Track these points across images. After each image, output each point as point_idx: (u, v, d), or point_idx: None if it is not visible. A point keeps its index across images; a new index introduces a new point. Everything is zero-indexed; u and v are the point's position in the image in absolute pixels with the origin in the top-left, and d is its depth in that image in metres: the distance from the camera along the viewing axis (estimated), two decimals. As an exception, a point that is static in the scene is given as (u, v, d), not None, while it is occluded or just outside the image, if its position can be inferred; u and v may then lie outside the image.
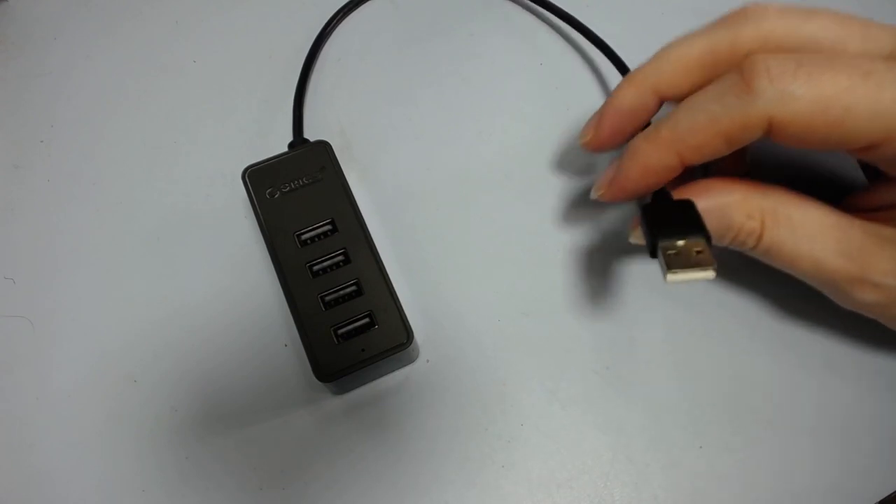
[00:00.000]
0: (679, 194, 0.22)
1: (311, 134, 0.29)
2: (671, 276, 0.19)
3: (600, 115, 0.24)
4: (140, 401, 0.25)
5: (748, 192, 0.21)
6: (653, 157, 0.21)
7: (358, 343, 0.23)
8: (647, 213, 0.21)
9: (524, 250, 0.28)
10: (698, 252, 0.20)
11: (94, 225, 0.29)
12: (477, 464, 0.24)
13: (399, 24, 0.34)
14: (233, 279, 0.27)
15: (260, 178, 0.26)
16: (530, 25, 0.33)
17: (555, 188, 0.29)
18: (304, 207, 0.25)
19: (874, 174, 0.24)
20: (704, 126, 0.20)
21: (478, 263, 0.27)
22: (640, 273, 0.27)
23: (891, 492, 0.23)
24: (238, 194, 0.29)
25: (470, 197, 0.29)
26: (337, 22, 0.33)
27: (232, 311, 0.27)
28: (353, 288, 0.24)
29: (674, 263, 0.20)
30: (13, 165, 0.31)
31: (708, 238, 0.20)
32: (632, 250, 0.27)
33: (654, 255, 0.20)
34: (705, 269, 0.19)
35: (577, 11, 0.31)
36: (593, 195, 0.24)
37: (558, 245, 0.28)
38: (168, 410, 0.25)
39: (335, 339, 0.23)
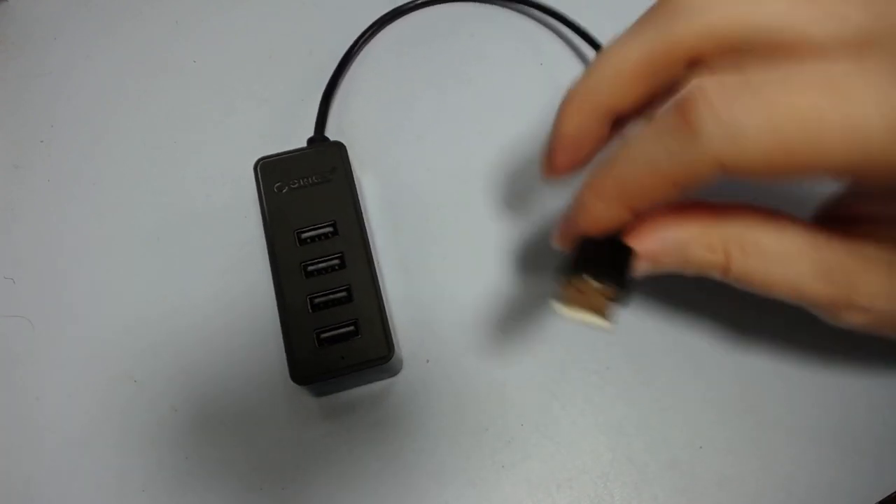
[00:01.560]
0: (632, 229, 0.19)
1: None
2: (565, 312, 0.19)
3: (550, 146, 0.21)
4: (140, 400, 0.25)
5: (706, 224, 0.19)
6: (601, 211, 0.19)
7: (338, 350, 0.23)
8: (582, 241, 0.20)
9: (525, 250, 0.28)
10: (609, 299, 0.19)
11: (94, 225, 0.29)
12: (477, 464, 0.24)
13: (402, 29, 0.34)
14: (232, 279, 0.27)
15: (271, 171, 0.26)
16: (530, 28, 0.33)
17: (556, 189, 0.29)
18: (310, 206, 0.25)
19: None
20: (647, 176, 0.17)
21: (479, 263, 0.27)
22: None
23: (891, 492, 0.23)
24: (238, 194, 0.29)
25: (471, 197, 0.29)
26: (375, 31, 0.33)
27: (232, 311, 0.27)
28: (344, 294, 0.24)
29: (574, 301, 0.19)
30: (13, 165, 0.31)
31: (621, 292, 0.18)
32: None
33: (561, 281, 0.19)
34: (602, 320, 0.19)
35: (577, 13, 0.31)
36: (552, 242, 0.21)
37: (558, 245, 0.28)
38: (168, 410, 0.25)
39: (316, 343, 0.23)
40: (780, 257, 0.19)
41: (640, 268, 0.20)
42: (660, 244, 0.19)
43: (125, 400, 0.25)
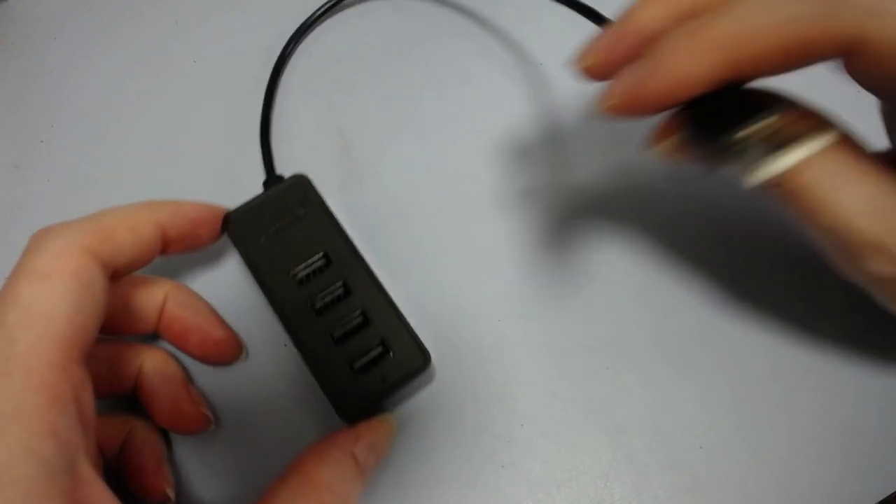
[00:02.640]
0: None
1: (311, 131, 0.29)
2: (764, 171, 0.16)
3: (607, 35, 0.18)
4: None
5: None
6: (693, 65, 0.16)
7: (376, 374, 0.23)
8: (696, 106, 0.17)
9: (524, 250, 0.28)
10: (781, 129, 0.15)
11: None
12: (477, 464, 0.24)
13: (394, 27, 0.34)
14: (234, 280, 0.27)
15: (242, 225, 0.25)
16: (529, 24, 0.33)
17: (556, 189, 0.29)
18: (294, 245, 0.25)
19: None
20: (776, 29, 0.15)
21: (477, 264, 0.27)
22: (640, 273, 0.27)
23: (891, 492, 0.23)
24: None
25: (469, 198, 0.29)
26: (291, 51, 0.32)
27: (237, 322, 0.26)
28: (361, 318, 0.23)
29: (759, 153, 0.15)
30: (13, 165, 0.31)
31: (785, 108, 0.16)
32: (632, 251, 0.27)
33: (721, 154, 0.16)
34: (806, 141, 0.16)
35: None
36: (599, 107, 0.19)
37: (559, 246, 0.28)
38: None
39: (353, 375, 0.23)
40: (842, 178, 0.17)
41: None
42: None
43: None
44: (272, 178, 0.28)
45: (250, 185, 0.28)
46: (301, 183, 0.26)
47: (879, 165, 0.17)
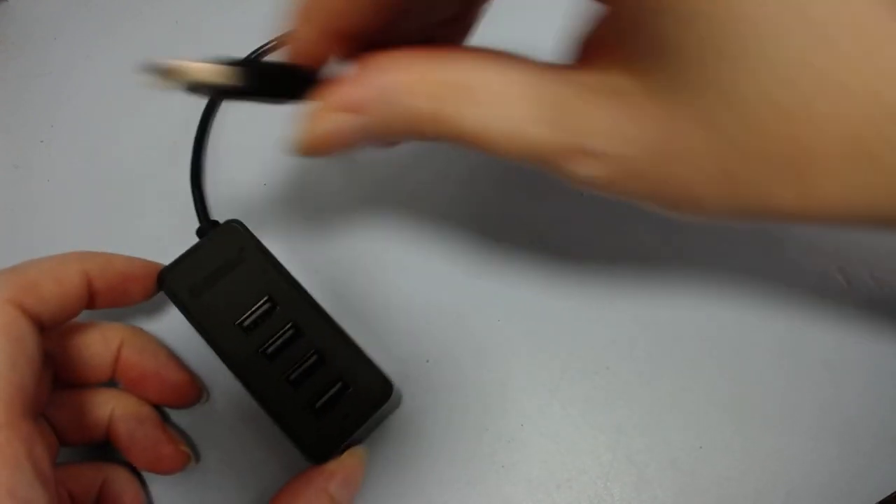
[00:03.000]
0: (358, 70, 0.17)
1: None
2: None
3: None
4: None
5: (427, 68, 0.16)
6: (306, 34, 0.17)
7: (339, 411, 0.22)
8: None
9: (523, 251, 0.28)
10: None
11: (94, 225, 0.29)
12: (477, 464, 0.24)
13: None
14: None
15: (178, 281, 0.24)
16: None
17: (557, 188, 0.29)
18: (236, 294, 0.24)
19: None
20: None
21: (477, 264, 0.27)
22: (640, 273, 0.27)
23: (891, 492, 0.23)
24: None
25: (472, 196, 0.29)
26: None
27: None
28: (315, 358, 0.23)
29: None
30: (13, 165, 0.31)
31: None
32: (631, 252, 0.27)
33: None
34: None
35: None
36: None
37: (559, 246, 0.28)
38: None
39: (314, 417, 0.22)
40: (496, 100, 0.16)
41: (339, 126, 0.17)
42: (369, 91, 0.16)
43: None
44: (206, 224, 0.27)
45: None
46: (232, 229, 0.25)
47: (540, 69, 0.16)
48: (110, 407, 0.23)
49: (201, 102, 0.31)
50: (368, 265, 0.27)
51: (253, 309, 0.23)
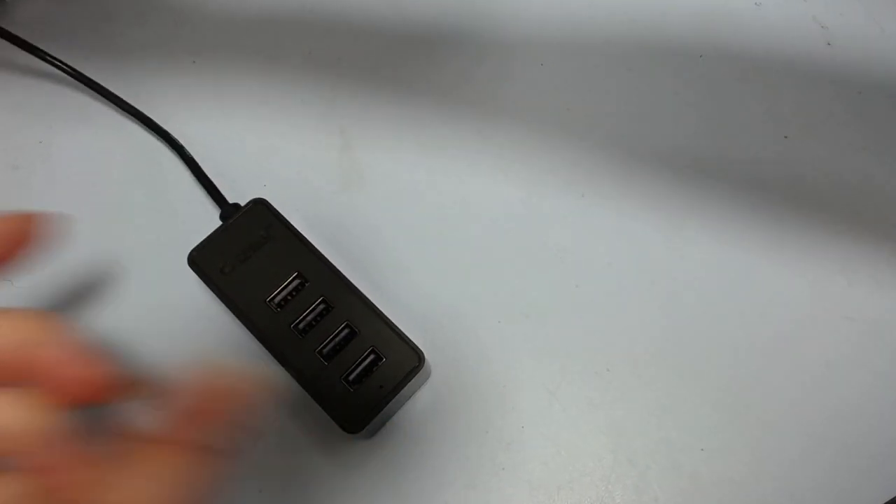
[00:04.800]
0: None
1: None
2: None
3: None
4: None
5: None
6: None
7: (373, 382, 0.23)
8: None
9: (524, 252, 0.27)
10: None
11: (94, 225, 0.29)
12: (477, 466, 0.24)
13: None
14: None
15: (208, 261, 0.24)
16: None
17: (559, 188, 0.29)
18: (265, 271, 0.24)
19: None
20: None
21: (477, 265, 0.27)
22: (640, 274, 0.27)
23: (892, 496, 0.23)
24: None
25: (469, 198, 0.29)
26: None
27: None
28: (347, 331, 0.23)
29: None
30: (13, 166, 0.31)
31: None
32: (632, 251, 0.27)
33: None
34: None
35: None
36: None
37: (558, 246, 0.27)
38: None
39: (349, 388, 0.23)
40: None
41: None
42: None
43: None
44: (229, 207, 0.27)
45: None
46: (258, 208, 0.25)
47: None
48: None
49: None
50: (368, 266, 0.27)
51: (283, 286, 0.24)
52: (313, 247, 0.25)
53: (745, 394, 0.25)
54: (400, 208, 0.29)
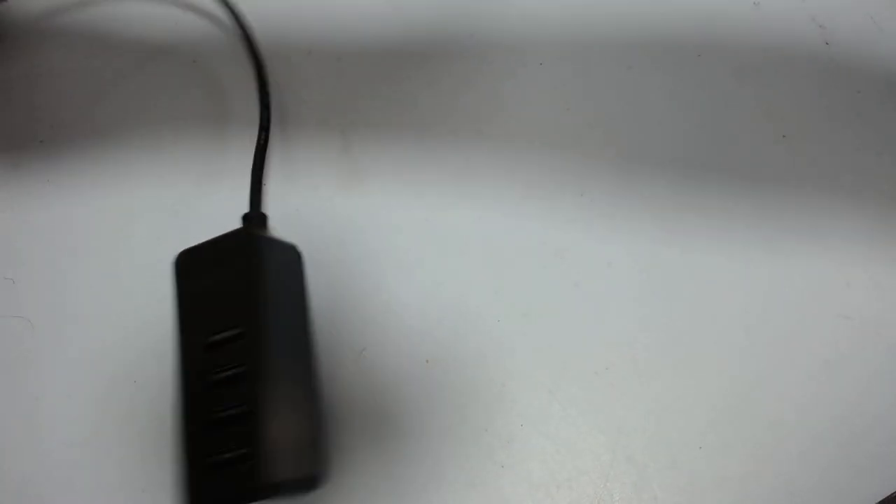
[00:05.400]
0: None
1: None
2: None
3: None
4: (140, 401, 0.25)
5: None
6: None
7: (229, 477, 0.19)
8: None
9: (523, 250, 0.28)
10: None
11: (94, 225, 0.29)
12: (476, 464, 0.24)
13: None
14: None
15: (189, 268, 0.22)
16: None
17: (559, 187, 0.29)
18: (219, 309, 0.21)
19: None
20: None
21: (477, 264, 0.27)
22: (639, 274, 0.27)
23: (891, 492, 0.23)
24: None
25: (468, 197, 0.29)
26: None
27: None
28: (245, 410, 0.19)
29: None
30: (13, 165, 0.31)
31: None
32: (631, 251, 0.27)
33: None
34: None
35: None
36: None
37: (558, 245, 0.28)
38: (168, 410, 0.25)
39: (205, 467, 0.19)
40: None
41: None
42: None
43: (125, 400, 0.25)
44: (251, 213, 0.24)
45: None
46: (242, 239, 0.22)
47: None
48: None
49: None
50: (368, 265, 0.27)
51: (223, 331, 0.20)
52: (283, 304, 0.22)
53: (744, 393, 0.25)
54: (399, 208, 0.29)
